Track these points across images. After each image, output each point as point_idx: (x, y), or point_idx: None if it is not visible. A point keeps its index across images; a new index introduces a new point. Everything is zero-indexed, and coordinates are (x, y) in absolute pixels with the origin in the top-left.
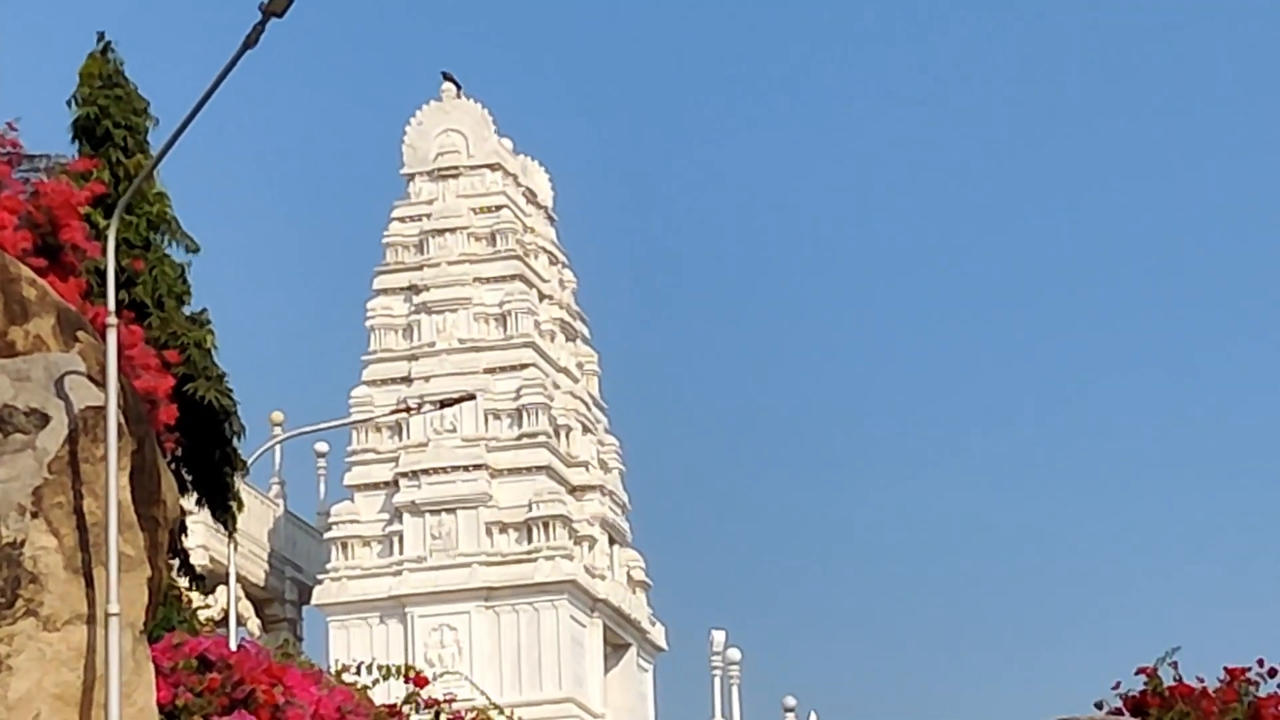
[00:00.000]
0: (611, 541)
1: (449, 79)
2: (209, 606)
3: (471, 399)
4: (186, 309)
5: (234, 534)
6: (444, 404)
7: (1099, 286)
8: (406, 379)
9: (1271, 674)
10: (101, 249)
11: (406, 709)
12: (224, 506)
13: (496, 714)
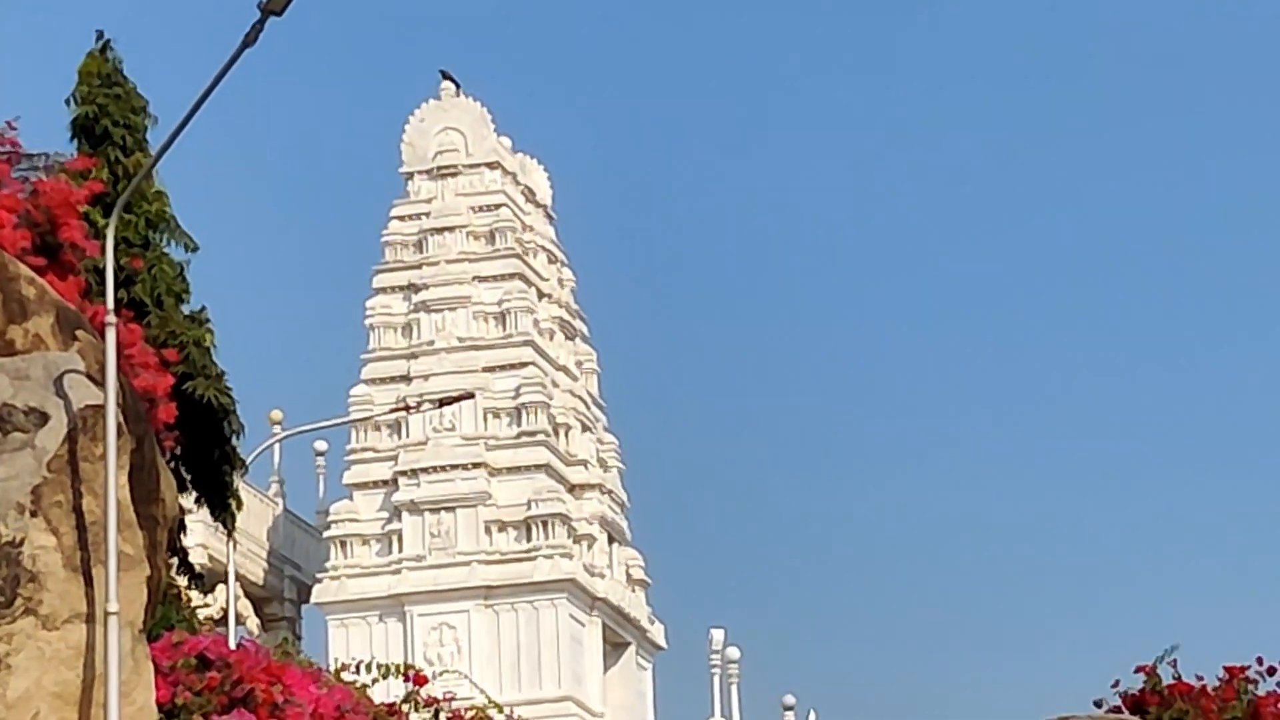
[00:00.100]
0: (611, 540)
1: (448, 77)
2: (208, 605)
3: (470, 397)
4: (185, 308)
5: (233, 533)
6: (443, 402)
7: (1098, 284)
8: (405, 377)
9: (1270, 672)
10: (100, 247)
11: (406, 708)
12: (223, 505)
13: (496, 712)
